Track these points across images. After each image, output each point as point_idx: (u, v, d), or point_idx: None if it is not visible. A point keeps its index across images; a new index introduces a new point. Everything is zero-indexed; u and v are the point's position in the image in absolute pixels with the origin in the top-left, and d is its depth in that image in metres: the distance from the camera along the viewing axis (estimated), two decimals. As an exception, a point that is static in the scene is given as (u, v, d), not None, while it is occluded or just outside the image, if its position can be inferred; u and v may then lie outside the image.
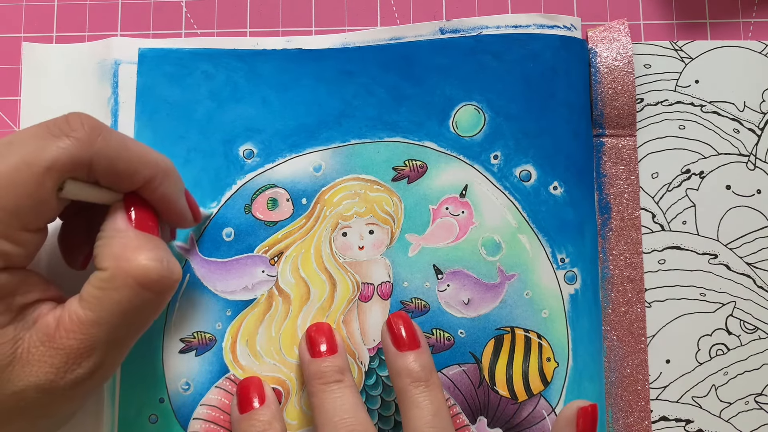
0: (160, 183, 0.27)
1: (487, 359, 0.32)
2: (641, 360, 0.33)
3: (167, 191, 0.27)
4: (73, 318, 0.24)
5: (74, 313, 0.24)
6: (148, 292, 0.25)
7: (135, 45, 0.34)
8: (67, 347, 0.24)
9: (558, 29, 0.35)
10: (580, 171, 0.34)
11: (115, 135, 0.25)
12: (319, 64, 0.34)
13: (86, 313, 0.24)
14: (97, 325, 0.24)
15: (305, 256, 0.33)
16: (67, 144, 0.24)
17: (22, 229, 0.24)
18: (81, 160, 0.24)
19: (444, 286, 0.33)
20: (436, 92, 0.34)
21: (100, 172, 0.25)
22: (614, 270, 0.34)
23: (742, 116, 0.35)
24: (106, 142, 0.25)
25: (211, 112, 0.34)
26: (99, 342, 0.24)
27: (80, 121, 0.25)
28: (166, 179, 0.27)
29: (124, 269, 0.24)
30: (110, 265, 0.25)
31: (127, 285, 0.24)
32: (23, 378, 0.24)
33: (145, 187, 0.26)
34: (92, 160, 0.24)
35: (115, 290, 0.24)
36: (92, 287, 0.25)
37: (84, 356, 0.24)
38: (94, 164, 0.25)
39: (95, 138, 0.24)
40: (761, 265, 0.34)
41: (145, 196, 0.27)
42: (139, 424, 0.31)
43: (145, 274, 0.25)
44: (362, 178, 0.34)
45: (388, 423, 0.32)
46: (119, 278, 0.24)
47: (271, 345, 0.32)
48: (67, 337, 0.24)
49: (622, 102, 0.34)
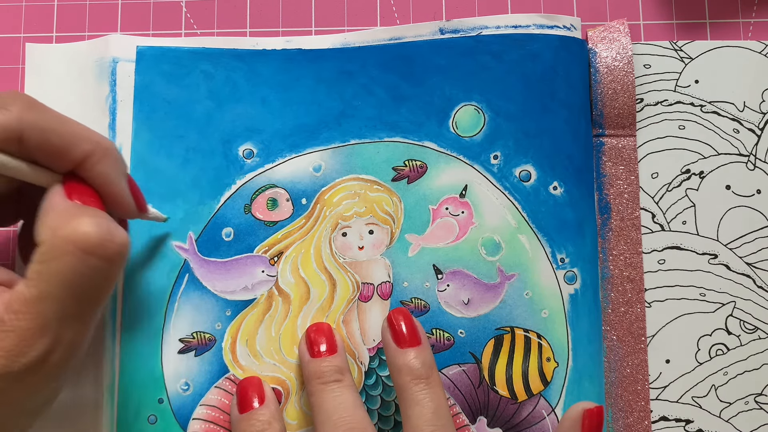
0: (98, 161, 0.26)
1: (487, 359, 0.32)
2: (641, 360, 0.33)
3: (105, 170, 0.26)
4: (20, 298, 0.23)
5: (20, 293, 0.24)
6: (93, 258, 0.24)
7: (133, 43, 0.34)
8: (17, 329, 0.23)
9: (558, 29, 0.35)
10: (579, 171, 0.34)
11: (51, 111, 0.25)
12: (319, 64, 0.34)
13: (30, 290, 0.23)
14: (43, 301, 0.23)
15: (305, 256, 0.33)
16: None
17: None
18: (10, 130, 0.24)
19: (444, 286, 0.33)
20: (436, 92, 0.34)
21: (33, 145, 0.25)
22: (614, 270, 0.34)
23: (741, 116, 0.35)
24: (39, 115, 0.25)
25: (211, 111, 0.34)
26: (48, 319, 0.23)
27: (12, 96, 0.25)
28: (104, 158, 0.26)
29: (61, 237, 0.23)
30: (47, 236, 0.24)
31: (67, 252, 0.23)
32: None
33: (82, 166, 0.26)
34: (23, 132, 0.24)
35: (54, 260, 0.23)
36: (34, 263, 0.24)
37: (36, 337, 0.23)
38: (24, 137, 0.24)
39: (26, 110, 0.24)
40: (761, 265, 0.34)
41: (83, 175, 0.26)
42: (138, 424, 0.31)
43: (85, 238, 0.23)
44: (362, 178, 0.34)
45: (388, 423, 0.32)
46: (57, 247, 0.23)
47: (270, 345, 0.32)
48: (16, 318, 0.23)
49: (621, 102, 0.34)
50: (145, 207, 0.30)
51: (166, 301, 0.32)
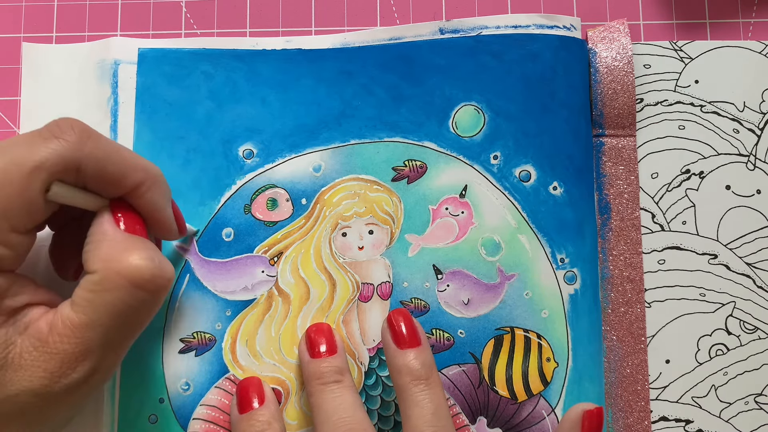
0: (148, 189, 0.27)
1: (487, 359, 0.32)
2: (641, 360, 0.33)
3: (154, 198, 0.27)
4: (66, 322, 0.24)
5: (67, 317, 0.24)
6: (142, 292, 0.25)
7: (135, 45, 0.34)
8: (61, 352, 0.24)
9: (558, 29, 0.35)
10: (579, 171, 0.34)
11: (105, 139, 0.26)
12: (319, 64, 0.34)
13: (79, 316, 0.24)
14: (91, 328, 0.24)
15: (305, 257, 0.33)
16: (56, 145, 0.24)
17: (10, 231, 0.24)
18: (70, 161, 0.24)
19: (444, 286, 0.33)
20: (436, 92, 0.34)
21: (89, 174, 0.25)
22: (614, 270, 0.34)
23: (741, 116, 0.35)
24: (96, 145, 0.25)
25: (211, 112, 0.34)
26: (94, 345, 0.24)
27: (70, 125, 0.25)
28: (154, 186, 0.27)
29: (115, 270, 0.24)
30: (100, 267, 0.25)
31: (120, 286, 0.24)
32: (16, 383, 0.24)
33: (133, 193, 0.26)
34: (81, 162, 0.24)
35: (107, 292, 0.24)
36: (84, 290, 0.25)
37: (79, 360, 0.24)
38: (82, 167, 0.25)
39: (85, 140, 0.25)
40: (761, 265, 0.34)
41: (132, 202, 0.27)
42: (138, 424, 0.31)
43: (138, 273, 0.24)
44: (362, 178, 0.34)
45: (388, 423, 0.32)
46: (110, 280, 0.24)
47: (270, 345, 0.32)
48: (60, 341, 0.24)
49: (621, 102, 0.34)
50: (185, 229, 0.31)
51: (167, 301, 0.32)
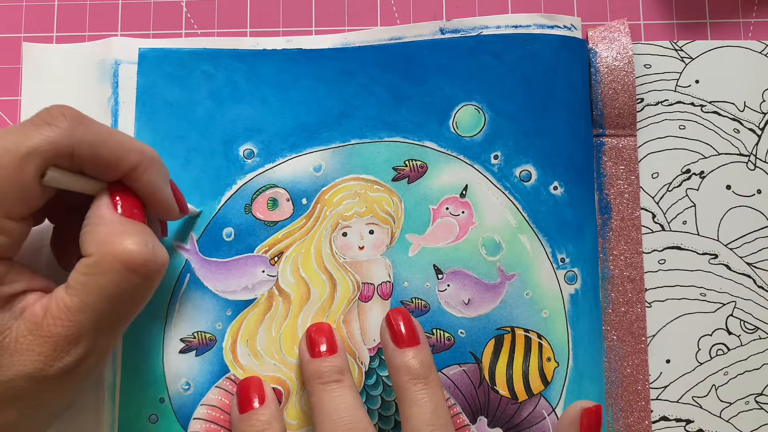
0: (144, 170, 0.27)
1: (488, 359, 0.32)
2: (641, 360, 0.33)
3: (152, 179, 0.27)
4: (60, 305, 0.24)
5: (61, 300, 0.25)
6: (135, 276, 0.25)
7: (135, 45, 0.34)
8: (54, 335, 0.24)
9: (558, 29, 0.35)
10: (580, 171, 0.34)
11: (97, 124, 0.26)
12: (319, 64, 0.34)
13: (72, 299, 0.24)
14: (84, 312, 0.24)
15: (305, 256, 0.33)
16: (49, 131, 0.24)
17: (5, 217, 0.24)
18: (62, 147, 0.24)
19: (444, 286, 0.33)
20: (436, 92, 0.34)
21: (84, 159, 0.25)
22: (614, 270, 0.34)
23: (742, 116, 0.35)
24: (88, 129, 0.25)
25: (211, 112, 0.34)
26: (86, 328, 0.25)
27: (61, 111, 0.25)
28: (150, 167, 0.27)
29: (110, 253, 0.24)
30: (95, 250, 0.25)
31: (113, 269, 0.24)
32: (11, 367, 0.24)
33: (130, 176, 0.26)
34: (74, 147, 0.25)
35: (100, 275, 0.24)
36: (78, 273, 0.25)
37: (72, 343, 0.24)
38: (76, 151, 0.25)
39: (76, 126, 0.25)
40: (761, 265, 0.34)
41: (130, 184, 0.27)
42: (139, 423, 0.31)
43: (131, 257, 0.25)
44: (362, 178, 0.34)
45: (388, 423, 0.32)
46: (104, 263, 0.24)
47: (271, 345, 0.32)
48: (54, 324, 0.24)
49: (622, 102, 0.34)
50: (187, 208, 0.31)
51: (167, 300, 0.32)
